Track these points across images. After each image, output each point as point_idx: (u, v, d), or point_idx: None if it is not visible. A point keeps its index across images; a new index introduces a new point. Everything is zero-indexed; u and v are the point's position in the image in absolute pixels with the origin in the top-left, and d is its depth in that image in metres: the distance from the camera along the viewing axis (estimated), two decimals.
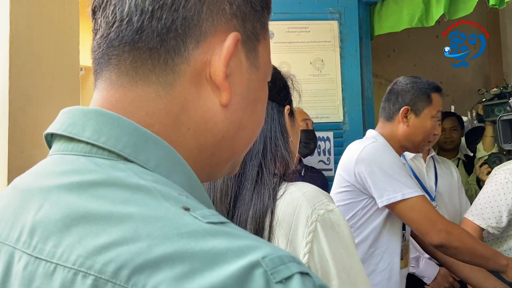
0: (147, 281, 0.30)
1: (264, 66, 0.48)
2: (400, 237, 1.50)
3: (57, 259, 0.33)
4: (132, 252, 0.31)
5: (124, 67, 0.42)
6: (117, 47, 0.42)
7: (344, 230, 0.79)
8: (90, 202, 0.35)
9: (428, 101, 1.55)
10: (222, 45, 0.42)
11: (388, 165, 1.41)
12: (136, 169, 0.38)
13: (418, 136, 1.54)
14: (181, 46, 0.41)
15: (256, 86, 0.47)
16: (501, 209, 1.75)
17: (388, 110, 1.58)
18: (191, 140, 0.43)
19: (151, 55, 0.41)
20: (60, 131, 0.41)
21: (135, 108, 0.41)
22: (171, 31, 0.41)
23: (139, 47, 0.41)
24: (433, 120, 1.55)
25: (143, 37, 0.41)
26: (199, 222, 0.34)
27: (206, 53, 0.42)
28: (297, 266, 0.32)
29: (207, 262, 0.31)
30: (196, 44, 0.41)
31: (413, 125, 1.54)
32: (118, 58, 0.42)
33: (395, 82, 1.62)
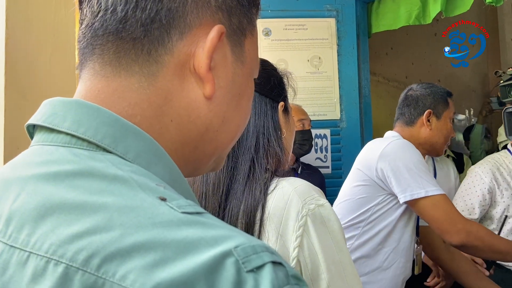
0: (117, 269, 0.30)
1: (250, 62, 0.48)
2: (410, 238, 1.51)
3: (30, 247, 0.33)
4: (104, 241, 0.31)
5: (108, 57, 0.42)
6: (101, 36, 0.42)
7: (334, 225, 0.79)
8: (66, 192, 0.35)
9: (446, 104, 1.62)
10: (206, 37, 0.42)
11: (412, 162, 1.42)
12: (115, 160, 0.38)
13: (441, 138, 1.61)
14: (165, 37, 0.41)
15: (241, 80, 0.47)
16: (473, 201, 1.88)
17: (408, 115, 1.62)
18: (174, 132, 0.43)
19: (135, 45, 0.41)
20: (40, 122, 0.41)
21: (117, 98, 0.41)
22: (155, 22, 0.41)
23: (123, 37, 0.41)
24: (450, 122, 1.62)
25: (127, 27, 0.41)
26: (174, 212, 0.34)
27: (190, 45, 0.42)
28: (270, 256, 0.32)
29: (179, 251, 0.31)
30: (180, 36, 0.42)
31: (436, 127, 1.60)
32: (102, 48, 0.42)
33: (410, 89, 1.68)
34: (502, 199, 1.86)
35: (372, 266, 1.48)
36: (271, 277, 0.31)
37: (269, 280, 0.31)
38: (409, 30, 3.12)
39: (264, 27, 2.30)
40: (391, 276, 1.48)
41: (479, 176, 1.90)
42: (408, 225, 1.51)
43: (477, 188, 1.89)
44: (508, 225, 1.87)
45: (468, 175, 1.97)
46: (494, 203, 1.88)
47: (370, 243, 1.47)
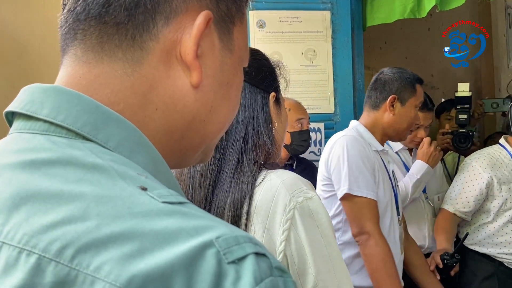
0: (92, 260, 0.29)
1: (239, 51, 0.47)
2: (389, 221, 1.54)
3: (3, 237, 0.32)
4: (79, 231, 0.30)
5: (90, 42, 0.40)
6: (83, 21, 0.40)
7: (322, 218, 0.78)
8: (42, 180, 0.34)
9: (413, 91, 1.62)
10: (193, 23, 0.41)
11: (351, 160, 1.48)
12: (95, 148, 0.37)
13: (403, 124, 1.61)
14: (150, 22, 0.40)
15: (229, 69, 0.46)
16: (469, 195, 1.90)
17: (374, 99, 1.62)
18: (159, 121, 0.41)
19: (118, 30, 0.40)
20: (18, 109, 0.39)
21: (99, 85, 0.40)
22: (139, 6, 0.39)
23: (106, 21, 0.39)
24: (415, 110, 1.62)
25: (110, 11, 0.39)
26: (155, 201, 0.33)
27: (176, 31, 0.41)
28: (253, 247, 0.31)
29: (157, 241, 0.30)
30: (166, 21, 0.40)
31: (399, 113, 1.60)
32: (84, 32, 0.40)
33: (381, 72, 1.68)
34: (500, 193, 1.87)
35: (352, 253, 1.51)
36: (253, 268, 0.30)
37: (251, 271, 0.30)
38: (403, 25, 3.12)
39: (258, 19, 2.28)
40: None
41: (477, 171, 1.91)
42: (387, 210, 1.54)
43: (475, 182, 1.90)
44: (504, 218, 1.88)
45: (464, 169, 1.98)
46: (491, 196, 1.90)
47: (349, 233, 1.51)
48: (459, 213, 1.94)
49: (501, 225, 1.89)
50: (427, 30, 3.52)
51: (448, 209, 1.95)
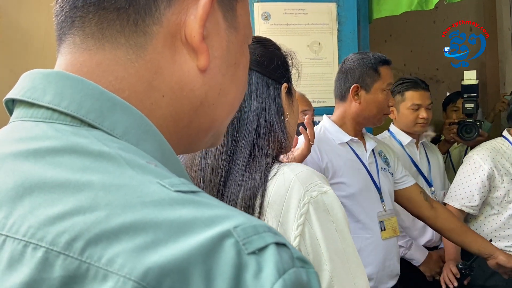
0: (103, 253, 0.28)
1: (244, 28, 0.45)
2: (362, 209, 1.53)
3: (7, 230, 0.31)
4: (88, 222, 0.29)
5: (89, 29, 0.38)
6: (80, 8, 0.38)
7: (338, 213, 0.76)
8: (46, 170, 0.32)
9: (377, 76, 1.56)
10: (196, 4, 0.39)
11: None
12: (101, 136, 0.35)
13: (372, 111, 1.57)
14: (152, 6, 0.38)
15: (236, 48, 0.44)
16: (472, 189, 1.87)
17: (340, 90, 1.60)
18: (166, 108, 0.40)
19: (119, 16, 0.38)
20: (19, 96, 0.38)
21: (102, 72, 0.38)
22: None
23: (105, 7, 0.38)
24: (384, 93, 1.57)
25: None
26: (167, 190, 0.31)
27: (179, 13, 0.39)
28: (273, 236, 0.30)
29: (172, 232, 0.28)
30: (168, 3, 0.38)
31: (365, 101, 1.56)
32: (82, 19, 0.38)
33: (344, 61, 1.63)
34: (502, 184, 1.86)
35: None
36: (275, 259, 0.29)
37: (273, 263, 0.28)
38: (409, 17, 3.08)
39: (263, 11, 2.26)
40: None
41: (478, 163, 1.89)
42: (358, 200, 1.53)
43: (476, 175, 1.89)
44: (510, 210, 1.87)
45: (466, 162, 1.96)
46: (493, 188, 1.88)
47: None
48: (466, 208, 1.91)
49: (507, 217, 1.87)
50: (433, 23, 3.49)
51: (454, 205, 1.92)
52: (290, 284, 0.28)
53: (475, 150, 1.98)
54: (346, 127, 1.60)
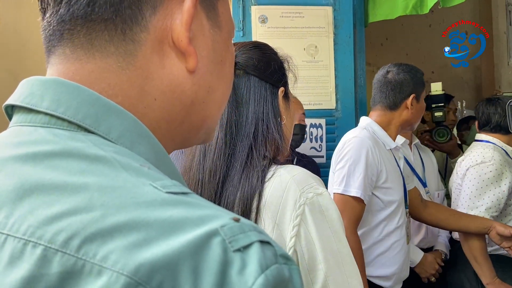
0: (98, 250, 0.29)
1: (226, 25, 0.47)
2: (399, 217, 1.63)
3: (8, 229, 0.32)
4: (84, 222, 0.31)
5: (78, 40, 0.40)
6: (68, 21, 0.40)
7: (333, 214, 0.78)
8: (45, 173, 0.34)
9: (424, 86, 1.74)
10: (180, 8, 0.41)
11: (353, 163, 1.56)
12: (97, 140, 0.37)
13: (419, 118, 1.75)
14: (138, 14, 0.40)
15: (221, 47, 0.45)
16: (499, 197, 1.83)
17: (393, 100, 1.69)
18: (159, 110, 0.42)
19: (107, 26, 0.39)
20: (18, 102, 0.39)
21: (94, 79, 0.40)
22: (124, 0, 0.39)
23: (93, 19, 0.39)
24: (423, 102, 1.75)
25: (96, 9, 0.39)
26: (158, 191, 0.33)
27: (165, 19, 0.40)
28: (258, 235, 0.32)
29: (163, 231, 0.30)
30: (153, 10, 0.40)
31: (415, 109, 1.70)
32: (71, 32, 0.40)
33: (388, 71, 1.73)
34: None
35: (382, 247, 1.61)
36: (258, 256, 0.30)
37: (257, 259, 0.30)
38: (404, 21, 3.11)
39: (260, 14, 2.27)
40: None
41: (500, 170, 1.82)
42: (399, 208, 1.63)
43: (501, 183, 1.82)
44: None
45: (482, 170, 1.84)
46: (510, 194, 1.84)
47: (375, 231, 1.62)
48: (492, 217, 1.80)
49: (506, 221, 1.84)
50: (428, 26, 3.52)
51: (485, 215, 1.79)
52: (272, 280, 0.30)
53: (487, 160, 1.85)
54: (389, 134, 1.69)
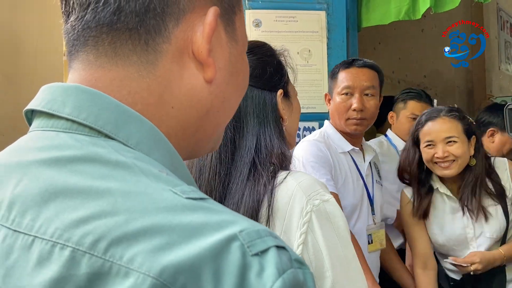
0: (124, 252, 0.31)
1: (242, 38, 0.49)
2: (356, 221, 1.55)
3: (35, 231, 0.34)
4: (109, 225, 0.32)
5: (103, 48, 0.41)
6: (94, 28, 0.41)
7: (339, 221, 0.78)
8: (69, 177, 0.35)
9: (335, 79, 1.68)
10: (201, 21, 0.42)
11: (306, 158, 1.49)
12: (117, 146, 0.38)
13: (336, 115, 1.65)
14: (161, 25, 0.41)
15: (237, 59, 0.47)
16: None
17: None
18: (175, 118, 0.43)
19: (131, 36, 0.41)
20: (40, 107, 0.41)
21: (116, 87, 0.41)
22: (149, 11, 0.40)
23: (118, 28, 0.41)
24: (339, 97, 1.64)
25: (122, 18, 0.40)
26: (178, 197, 0.34)
27: (186, 31, 0.42)
28: (274, 240, 0.33)
29: (184, 235, 0.32)
30: (176, 22, 0.42)
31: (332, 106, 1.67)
32: (95, 39, 0.41)
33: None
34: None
35: None
36: (275, 260, 0.32)
37: (274, 263, 0.32)
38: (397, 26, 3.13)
39: (254, 18, 2.29)
40: None
41: None
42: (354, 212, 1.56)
43: None
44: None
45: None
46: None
47: None
48: None
49: None
50: (421, 31, 3.55)
51: None
52: (289, 283, 0.32)
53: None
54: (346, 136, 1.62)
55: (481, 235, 1.61)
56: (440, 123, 1.60)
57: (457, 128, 1.59)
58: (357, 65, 1.65)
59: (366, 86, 1.62)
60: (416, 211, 1.65)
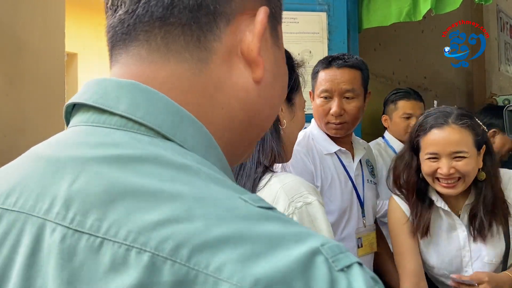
0: (210, 261, 0.29)
1: (283, 47, 0.49)
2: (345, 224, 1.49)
3: (103, 233, 0.31)
4: (189, 231, 0.30)
5: (155, 43, 0.40)
6: (146, 22, 0.40)
7: (321, 224, 0.78)
8: (135, 177, 0.33)
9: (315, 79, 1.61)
10: (250, 21, 0.42)
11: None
12: (176, 148, 0.37)
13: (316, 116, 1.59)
14: (213, 23, 0.41)
15: (280, 63, 0.47)
16: None
17: None
18: (224, 120, 0.42)
19: (184, 32, 0.40)
20: (90, 101, 0.39)
21: (170, 85, 0.40)
22: (202, 8, 0.40)
23: (171, 23, 0.40)
24: (318, 99, 1.57)
25: (175, 13, 0.39)
26: (251, 206, 0.33)
27: (236, 31, 0.42)
28: (354, 257, 0.32)
29: (268, 245, 0.30)
30: (227, 22, 0.41)
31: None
32: (148, 34, 0.40)
33: None
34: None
35: None
36: (362, 278, 0.31)
37: (362, 280, 0.31)
38: (397, 27, 3.14)
39: None
40: None
41: None
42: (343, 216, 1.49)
43: None
44: None
45: None
46: None
47: None
48: None
49: None
50: (421, 32, 3.56)
51: None
52: None
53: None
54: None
55: (478, 259, 1.39)
56: (448, 133, 1.32)
57: (468, 140, 1.32)
58: (337, 65, 1.53)
59: (345, 89, 1.51)
60: (416, 228, 1.41)
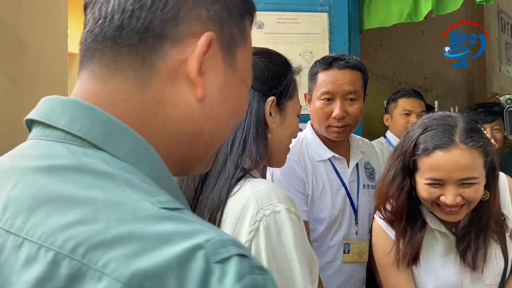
0: (100, 257, 0.34)
1: (242, 72, 0.52)
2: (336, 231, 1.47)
3: (24, 233, 0.37)
4: (90, 232, 0.35)
5: (106, 61, 0.45)
6: (100, 42, 0.45)
7: (288, 233, 0.78)
8: (60, 185, 0.39)
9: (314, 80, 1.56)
10: (196, 44, 0.46)
11: (276, 174, 1.41)
12: (106, 157, 0.42)
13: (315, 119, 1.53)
14: (158, 45, 0.45)
15: (233, 87, 0.51)
16: None
17: None
18: (167, 132, 0.47)
19: (130, 51, 0.44)
20: (39, 117, 0.44)
21: (112, 100, 0.45)
22: (149, 30, 0.44)
23: (120, 43, 0.45)
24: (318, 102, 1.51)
25: (123, 34, 0.44)
26: (154, 207, 0.37)
27: (182, 52, 0.45)
28: (237, 249, 0.36)
29: (156, 243, 0.34)
30: (173, 44, 0.45)
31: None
32: (101, 52, 0.45)
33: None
34: None
35: None
36: (236, 267, 0.34)
37: (234, 270, 0.34)
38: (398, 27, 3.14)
39: (257, 20, 2.29)
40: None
41: None
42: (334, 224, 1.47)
43: None
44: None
45: None
46: None
47: None
48: None
49: None
50: (422, 33, 3.56)
51: None
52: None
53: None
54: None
55: (478, 282, 1.21)
56: (456, 156, 1.07)
57: (478, 164, 1.09)
58: (338, 66, 1.45)
59: (348, 90, 1.44)
60: (403, 256, 1.19)
